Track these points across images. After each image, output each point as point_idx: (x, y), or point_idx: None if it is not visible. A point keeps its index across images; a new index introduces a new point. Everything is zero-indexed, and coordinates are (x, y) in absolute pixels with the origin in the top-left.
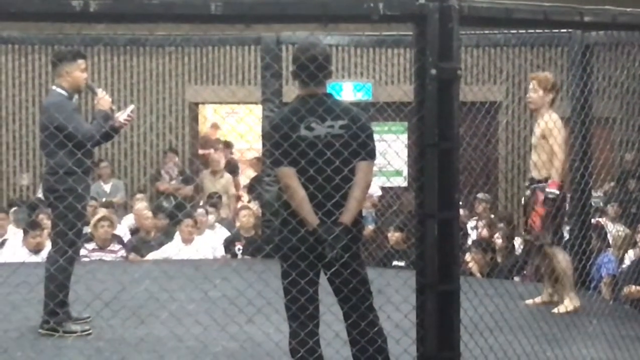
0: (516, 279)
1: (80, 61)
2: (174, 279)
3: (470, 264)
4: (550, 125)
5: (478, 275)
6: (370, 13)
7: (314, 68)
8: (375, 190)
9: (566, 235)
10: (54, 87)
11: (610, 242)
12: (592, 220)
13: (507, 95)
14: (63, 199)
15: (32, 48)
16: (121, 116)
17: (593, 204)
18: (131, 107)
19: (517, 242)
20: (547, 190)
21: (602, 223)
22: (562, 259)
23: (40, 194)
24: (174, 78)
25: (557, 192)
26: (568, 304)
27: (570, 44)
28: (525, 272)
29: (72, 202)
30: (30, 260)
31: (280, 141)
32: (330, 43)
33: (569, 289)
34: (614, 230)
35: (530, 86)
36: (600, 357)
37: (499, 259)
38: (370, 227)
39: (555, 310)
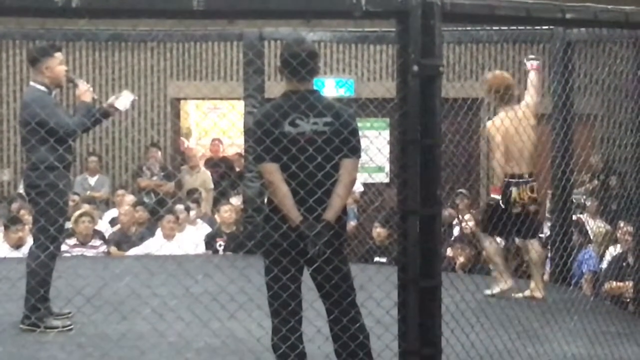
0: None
1: (58, 54)
2: (156, 274)
3: (457, 259)
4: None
5: (460, 271)
6: (352, 9)
7: (299, 64)
8: (357, 187)
9: (547, 232)
10: (32, 84)
11: (591, 238)
12: (573, 217)
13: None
14: (45, 195)
15: (12, 43)
16: (117, 102)
17: (574, 200)
18: (132, 96)
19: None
20: (490, 196)
21: (583, 219)
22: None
23: (21, 190)
24: (156, 74)
25: (498, 197)
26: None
27: (552, 41)
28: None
29: (53, 198)
30: (11, 255)
31: (264, 137)
32: (313, 39)
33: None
34: (595, 226)
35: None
36: (581, 353)
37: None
38: (352, 223)
39: (488, 292)
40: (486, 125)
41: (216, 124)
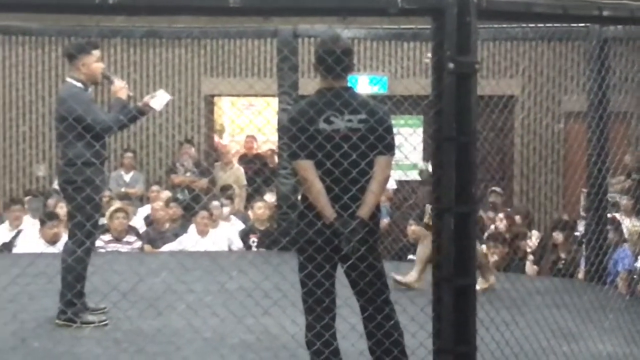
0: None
1: (96, 52)
2: (191, 270)
3: (491, 257)
4: None
5: (494, 269)
6: (388, 6)
7: (333, 61)
8: (390, 184)
9: (582, 230)
10: (69, 79)
11: (626, 236)
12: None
13: (523, 89)
14: (80, 190)
15: (49, 39)
16: (153, 101)
17: (609, 198)
18: (168, 97)
19: (534, 236)
20: None
21: (618, 218)
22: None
23: (56, 185)
24: (191, 70)
25: None
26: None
27: (587, 39)
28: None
29: (89, 194)
30: (47, 251)
31: (298, 134)
32: (347, 36)
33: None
34: (630, 225)
35: None
36: (617, 352)
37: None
38: (385, 221)
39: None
40: None
41: (251, 120)
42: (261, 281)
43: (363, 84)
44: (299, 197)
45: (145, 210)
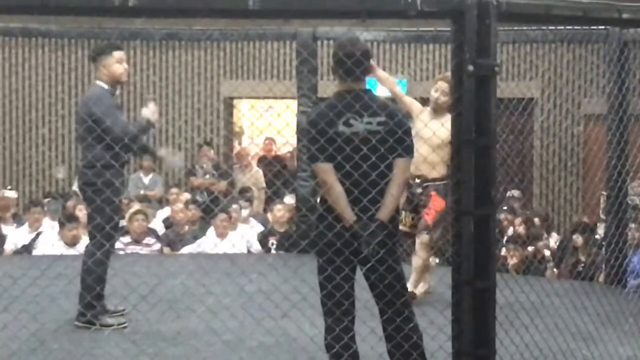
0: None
1: (116, 53)
2: (210, 273)
3: (510, 260)
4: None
5: (513, 272)
6: (407, 8)
7: (352, 64)
8: None
9: (602, 233)
10: (96, 82)
11: None
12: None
13: (542, 92)
14: (100, 193)
15: (69, 42)
16: (148, 114)
17: (629, 201)
18: (153, 107)
19: (553, 238)
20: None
21: None
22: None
23: (75, 187)
24: (210, 72)
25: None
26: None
27: (607, 41)
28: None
29: (109, 196)
30: (66, 253)
31: (318, 137)
32: (366, 38)
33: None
34: None
35: (444, 88)
36: (637, 355)
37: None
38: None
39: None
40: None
41: (270, 123)
42: (280, 284)
43: (382, 87)
44: (318, 200)
45: (164, 212)
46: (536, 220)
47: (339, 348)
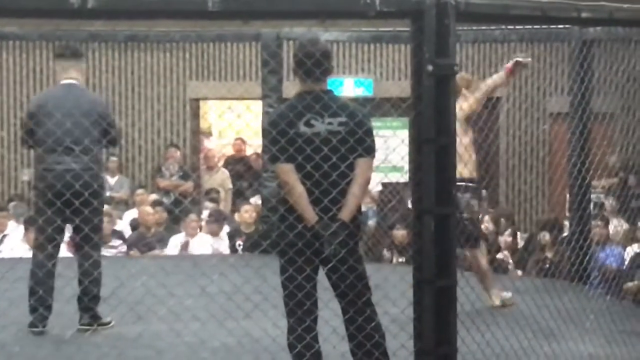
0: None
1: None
2: (172, 274)
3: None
4: None
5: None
6: (366, 9)
7: (312, 64)
8: (374, 186)
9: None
10: (76, 82)
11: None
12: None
13: (508, 91)
14: (97, 195)
15: (27, 44)
16: None
17: (595, 200)
18: None
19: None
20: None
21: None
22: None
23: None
24: (175, 74)
25: None
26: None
27: (568, 40)
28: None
29: (102, 199)
30: (28, 255)
31: (278, 137)
32: (328, 39)
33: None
34: (615, 224)
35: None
36: (598, 352)
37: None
38: (371, 223)
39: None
40: None
41: (230, 124)
42: (242, 284)
43: (348, 87)
44: (279, 200)
45: (131, 214)
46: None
47: (301, 348)
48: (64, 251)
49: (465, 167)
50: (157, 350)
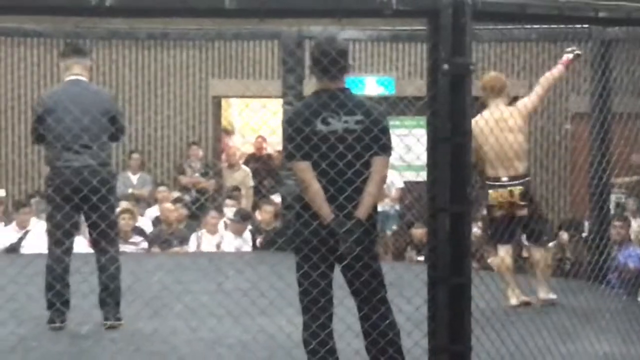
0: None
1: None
2: (188, 270)
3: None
4: None
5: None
6: (383, 8)
7: (329, 63)
8: (396, 183)
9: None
10: (80, 78)
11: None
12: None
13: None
14: (113, 191)
15: (52, 41)
16: None
17: (616, 199)
18: None
19: None
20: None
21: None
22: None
23: None
24: (198, 72)
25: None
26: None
27: (589, 40)
28: None
29: (107, 193)
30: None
31: (294, 135)
32: (348, 37)
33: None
34: (636, 225)
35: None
36: (613, 351)
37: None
38: (394, 227)
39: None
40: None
41: (245, 122)
42: (258, 281)
43: (370, 86)
44: (295, 197)
45: (153, 211)
46: None
47: (315, 344)
48: (84, 247)
49: (521, 163)
50: (173, 345)
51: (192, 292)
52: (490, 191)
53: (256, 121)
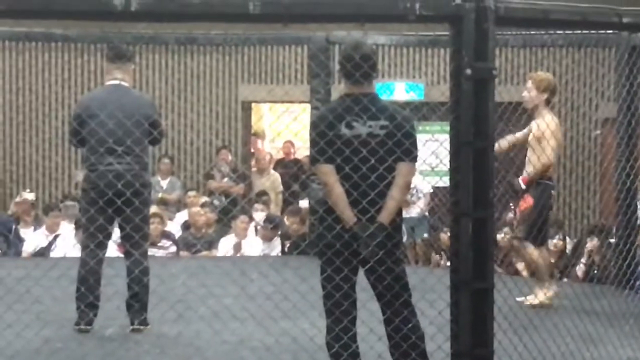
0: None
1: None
2: (212, 274)
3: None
4: (542, 127)
5: (524, 273)
6: (406, 13)
7: (354, 67)
8: (427, 189)
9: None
10: (121, 83)
11: None
12: None
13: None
14: (140, 195)
15: (78, 46)
16: None
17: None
18: None
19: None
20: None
21: None
22: (532, 252)
23: None
24: (228, 77)
25: (524, 185)
26: (536, 296)
27: (616, 45)
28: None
29: (146, 198)
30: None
31: (318, 139)
32: (377, 43)
33: (540, 282)
34: None
35: (528, 84)
36: (637, 356)
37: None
38: (425, 236)
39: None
40: (544, 119)
41: (287, 126)
42: (281, 284)
43: (400, 91)
44: (319, 201)
45: (182, 216)
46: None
47: (338, 348)
48: (113, 251)
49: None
50: (197, 348)
51: (216, 295)
52: (553, 192)
53: (287, 126)
